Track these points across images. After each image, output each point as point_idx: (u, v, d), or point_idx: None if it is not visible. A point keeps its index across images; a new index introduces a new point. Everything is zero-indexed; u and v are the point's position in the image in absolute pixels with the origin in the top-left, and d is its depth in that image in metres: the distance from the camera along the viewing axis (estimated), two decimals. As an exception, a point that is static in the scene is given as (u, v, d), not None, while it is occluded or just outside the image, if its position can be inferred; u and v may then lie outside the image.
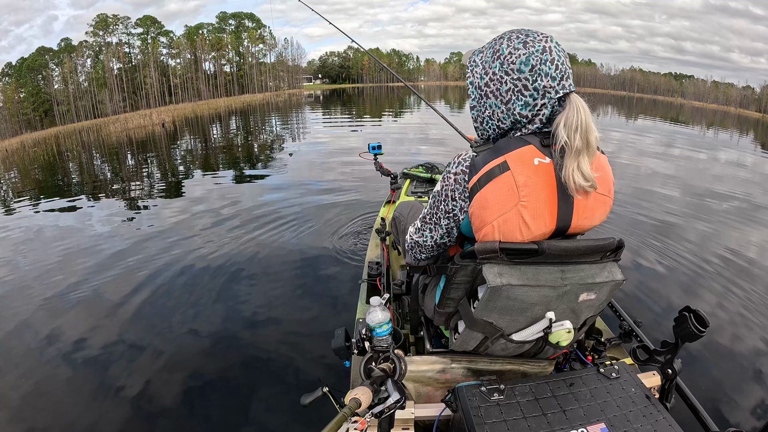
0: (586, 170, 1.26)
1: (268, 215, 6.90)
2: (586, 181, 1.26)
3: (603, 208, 1.40)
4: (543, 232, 1.33)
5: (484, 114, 1.45)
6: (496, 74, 1.36)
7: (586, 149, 1.26)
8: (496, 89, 1.38)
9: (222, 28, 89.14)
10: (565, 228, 1.35)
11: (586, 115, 1.27)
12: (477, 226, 1.38)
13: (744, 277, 4.79)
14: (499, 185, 1.30)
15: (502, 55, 1.35)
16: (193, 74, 78.13)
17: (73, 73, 62.86)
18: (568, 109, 1.28)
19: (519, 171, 1.29)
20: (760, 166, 14.25)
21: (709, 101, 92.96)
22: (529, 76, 1.31)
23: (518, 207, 1.29)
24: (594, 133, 1.27)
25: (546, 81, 1.31)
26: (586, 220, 1.37)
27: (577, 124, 1.25)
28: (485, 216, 1.34)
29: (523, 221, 1.30)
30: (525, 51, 1.31)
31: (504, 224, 1.32)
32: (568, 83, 1.33)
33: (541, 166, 1.30)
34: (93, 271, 5.15)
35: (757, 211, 7.72)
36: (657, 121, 31.46)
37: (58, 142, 24.79)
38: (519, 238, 1.33)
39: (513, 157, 1.31)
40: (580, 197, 1.32)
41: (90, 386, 3.23)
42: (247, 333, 3.87)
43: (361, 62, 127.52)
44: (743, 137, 26.05)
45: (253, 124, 27.77)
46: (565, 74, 1.33)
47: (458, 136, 3.92)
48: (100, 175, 12.72)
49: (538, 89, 1.32)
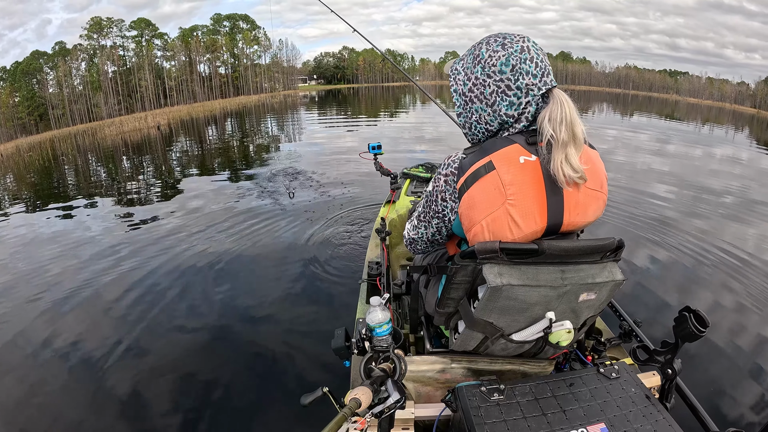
0: (574, 162, 1.27)
1: (268, 216, 6.92)
2: (575, 172, 1.28)
3: (596, 204, 1.41)
4: (534, 231, 1.34)
5: (471, 119, 1.48)
6: (479, 78, 1.39)
7: (572, 141, 1.27)
8: (480, 93, 1.40)
9: (217, 30, 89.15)
10: (557, 225, 1.36)
11: (570, 108, 1.29)
12: (467, 226, 1.40)
13: (744, 276, 4.80)
14: (485, 185, 1.32)
15: (482, 59, 1.38)
16: (188, 76, 78.02)
17: (67, 77, 62.76)
18: (552, 104, 1.31)
19: (505, 170, 1.31)
20: (756, 161, 14.31)
21: (704, 97, 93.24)
22: (511, 76, 1.34)
23: (506, 206, 1.31)
24: (580, 126, 1.29)
25: (528, 79, 1.34)
26: (578, 216, 1.37)
27: (561, 117, 1.27)
28: (473, 216, 1.36)
29: (512, 220, 1.32)
30: (504, 52, 1.34)
31: (493, 223, 1.33)
32: (549, 79, 1.37)
33: (527, 164, 1.32)
34: (89, 275, 5.15)
35: (756, 207, 7.74)
36: (652, 118, 31.58)
37: (53, 146, 24.79)
38: (510, 237, 1.34)
39: (498, 157, 1.33)
40: (571, 190, 1.33)
41: (86, 389, 3.23)
42: (247, 333, 3.89)
43: (356, 62, 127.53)
44: (738, 133, 26.19)
45: (249, 126, 27.86)
46: (546, 71, 1.36)
47: (454, 135, 3.92)
48: (96, 179, 12.70)
49: (521, 88, 1.35)
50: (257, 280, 4.83)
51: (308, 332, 3.83)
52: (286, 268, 5.03)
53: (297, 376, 3.29)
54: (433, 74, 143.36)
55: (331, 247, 5.52)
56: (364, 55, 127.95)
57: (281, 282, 4.73)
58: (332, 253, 5.31)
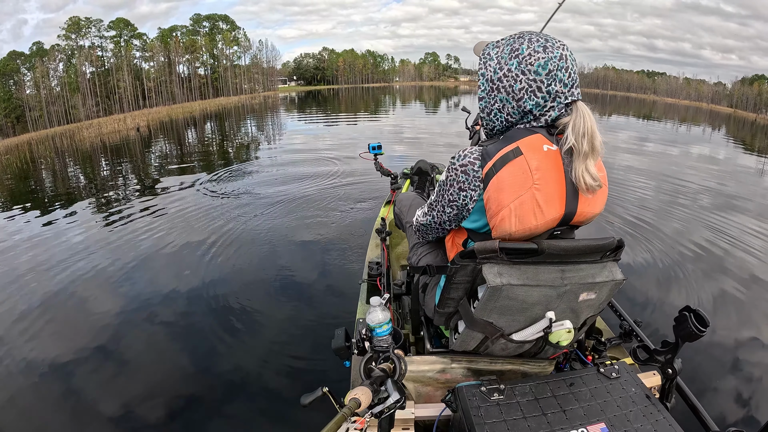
0: (593, 171, 1.32)
1: (264, 217, 6.92)
2: (594, 180, 1.32)
3: (602, 197, 1.44)
4: (554, 217, 1.36)
5: (493, 106, 1.48)
6: (512, 71, 1.39)
7: (592, 153, 1.32)
8: (509, 85, 1.40)
9: (196, 31, 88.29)
10: (571, 214, 1.38)
11: (591, 121, 1.34)
12: (494, 210, 1.39)
13: (744, 276, 4.88)
14: (514, 168, 1.33)
15: (520, 55, 1.38)
16: (167, 77, 77.22)
17: (45, 78, 61.74)
18: (575, 115, 1.35)
19: (531, 156, 1.33)
20: (743, 159, 14.63)
21: (682, 97, 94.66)
22: (545, 79, 1.35)
23: (533, 189, 1.32)
24: (599, 139, 1.33)
25: (559, 86, 1.36)
26: (589, 207, 1.40)
27: (584, 130, 1.32)
28: (502, 198, 1.36)
29: (537, 204, 1.33)
30: (544, 55, 1.35)
31: (520, 207, 1.34)
32: (577, 92, 1.40)
33: (549, 152, 1.35)
34: (67, 280, 5.07)
35: (757, 207, 7.87)
36: (630, 118, 32.00)
37: (30, 149, 24.35)
38: (533, 223, 1.35)
39: (524, 144, 1.35)
40: (589, 196, 1.37)
41: (76, 397, 3.19)
42: (247, 333, 3.89)
43: (336, 63, 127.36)
44: (718, 131, 26.83)
45: (228, 128, 27.63)
46: (575, 83, 1.39)
47: (436, 136, 3.91)
48: (75, 183, 12.44)
49: (551, 92, 1.36)
50: (256, 280, 4.83)
51: (308, 332, 3.84)
52: (286, 269, 5.05)
53: (297, 376, 3.31)
54: (413, 75, 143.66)
55: (331, 247, 5.54)
56: (344, 56, 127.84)
57: (281, 282, 4.75)
58: (332, 254, 5.34)
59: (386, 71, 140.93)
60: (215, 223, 6.74)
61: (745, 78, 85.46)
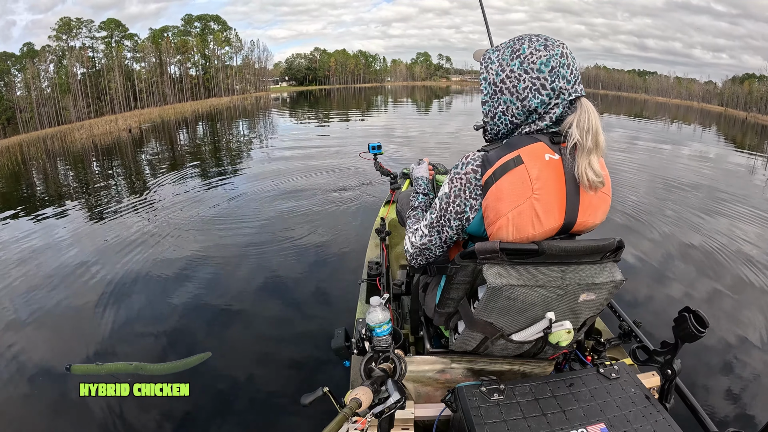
0: (596, 167, 1.33)
1: (263, 217, 6.94)
2: (597, 177, 1.33)
3: (604, 207, 1.45)
4: (552, 227, 1.37)
5: (496, 109, 1.48)
6: (514, 72, 1.40)
7: (596, 149, 1.33)
8: (512, 86, 1.42)
9: (188, 31, 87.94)
10: (570, 224, 1.39)
11: (596, 118, 1.35)
12: (491, 219, 1.40)
13: (744, 277, 4.90)
14: (514, 177, 1.34)
15: (522, 55, 1.39)
16: (159, 78, 76.89)
17: (35, 79, 61.35)
18: (580, 112, 1.35)
19: (532, 165, 1.34)
20: (736, 158, 14.74)
21: (673, 96, 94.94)
22: (548, 76, 1.36)
23: (531, 199, 1.33)
24: (602, 136, 1.34)
25: (562, 83, 1.37)
26: (589, 217, 1.41)
27: (588, 126, 1.32)
28: (500, 208, 1.36)
29: (535, 214, 1.34)
30: (546, 53, 1.37)
31: (518, 217, 1.35)
32: (580, 88, 1.41)
33: (551, 161, 1.36)
34: (59, 284, 5.05)
35: (756, 207, 7.91)
36: (621, 118, 32.11)
37: (22, 151, 24.19)
38: (531, 232, 1.36)
39: (526, 152, 1.36)
40: (591, 193, 1.38)
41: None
42: (247, 333, 3.90)
43: (327, 64, 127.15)
44: (710, 130, 26.89)
45: (220, 129, 27.51)
46: (578, 80, 1.40)
47: (424, 134, 3.92)
48: (66, 184, 12.36)
49: (555, 89, 1.37)
50: (256, 280, 4.83)
51: (308, 332, 3.85)
52: (285, 269, 5.05)
53: (297, 376, 3.32)
54: (404, 75, 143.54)
55: (331, 247, 5.55)
56: (336, 57, 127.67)
57: (280, 282, 4.76)
58: (332, 254, 5.35)
59: (378, 71, 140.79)
60: (211, 226, 6.73)
61: (736, 77, 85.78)
